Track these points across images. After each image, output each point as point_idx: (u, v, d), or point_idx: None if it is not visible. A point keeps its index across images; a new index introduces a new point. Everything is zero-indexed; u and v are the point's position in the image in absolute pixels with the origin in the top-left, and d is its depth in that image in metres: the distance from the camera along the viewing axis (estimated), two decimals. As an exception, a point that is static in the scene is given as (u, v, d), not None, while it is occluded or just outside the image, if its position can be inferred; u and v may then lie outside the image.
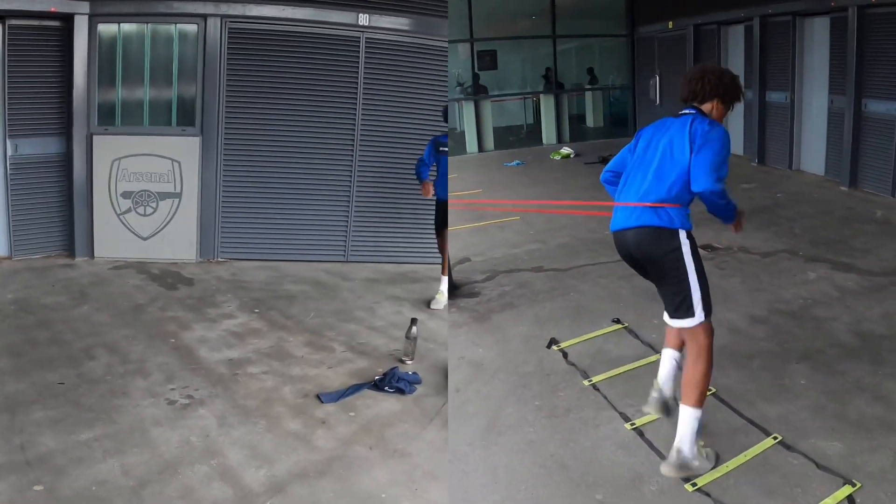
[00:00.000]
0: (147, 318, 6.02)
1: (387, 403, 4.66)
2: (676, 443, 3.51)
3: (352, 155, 7.96)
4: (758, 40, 11.53)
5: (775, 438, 3.77)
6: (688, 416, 3.52)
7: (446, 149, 6.55)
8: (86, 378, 4.84)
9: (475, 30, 15.24)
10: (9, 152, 7.34)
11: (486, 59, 15.66)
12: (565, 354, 4.92)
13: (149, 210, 7.68)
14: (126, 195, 7.63)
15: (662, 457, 3.60)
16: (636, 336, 5.16)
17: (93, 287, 6.78)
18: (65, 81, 7.43)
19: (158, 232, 7.73)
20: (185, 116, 7.73)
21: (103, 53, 7.52)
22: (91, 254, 7.63)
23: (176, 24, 7.59)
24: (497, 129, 15.89)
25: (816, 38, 10.57)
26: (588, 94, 17.09)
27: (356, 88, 7.87)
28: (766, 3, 11.14)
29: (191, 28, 7.60)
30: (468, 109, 15.58)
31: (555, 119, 16.15)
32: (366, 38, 7.80)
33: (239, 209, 7.90)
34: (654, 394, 3.94)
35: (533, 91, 16.83)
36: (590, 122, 17.29)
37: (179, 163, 7.66)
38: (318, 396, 4.70)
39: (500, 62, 15.89)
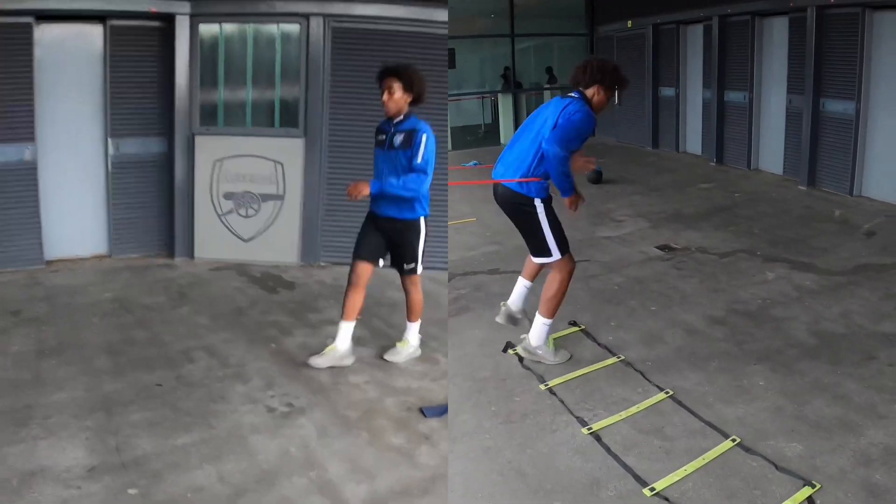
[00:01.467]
0: (247, 322, 5.92)
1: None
2: (528, 335, 4.75)
3: (456, 157, 7.70)
4: (717, 40, 11.65)
5: (734, 441, 3.81)
6: (538, 321, 4.71)
7: (383, 137, 4.96)
8: (184, 381, 4.78)
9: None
10: (110, 151, 7.39)
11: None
12: (521, 358, 4.91)
13: (251, 212, 7.60)
14: (228, 196, 7.58)
15: (620, 461, 3.68)
16: (593, 338, 5.20)
17: (192, 288, 6.74)
18: (166, 82, 7.44)
19: (260, 234, 7.65)
20: (288, 117, 7.64)
21: (205, 54, 7.50)
22: (191, 254, 7.61)
23: (278, 23, 7.51)
24: (454, 129, 15.47)
25: (775, 38, 10.72)
26: (547, 94, 16.64)
27: (462, 88, 7.62)
28: (725, 2, 11.26)
29: (293, 28, 7.50)
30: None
31: (513, 118, 15.93)
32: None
33: (342, 213, 7.66)
34: (503, 307, 5.05)
35: (491, 90, 16.68)
36: (549, 121, 17.10)
37: (282, 164, 7.56)
38: (421, 410, 4.48)
39: (458, 61, 15.48)
